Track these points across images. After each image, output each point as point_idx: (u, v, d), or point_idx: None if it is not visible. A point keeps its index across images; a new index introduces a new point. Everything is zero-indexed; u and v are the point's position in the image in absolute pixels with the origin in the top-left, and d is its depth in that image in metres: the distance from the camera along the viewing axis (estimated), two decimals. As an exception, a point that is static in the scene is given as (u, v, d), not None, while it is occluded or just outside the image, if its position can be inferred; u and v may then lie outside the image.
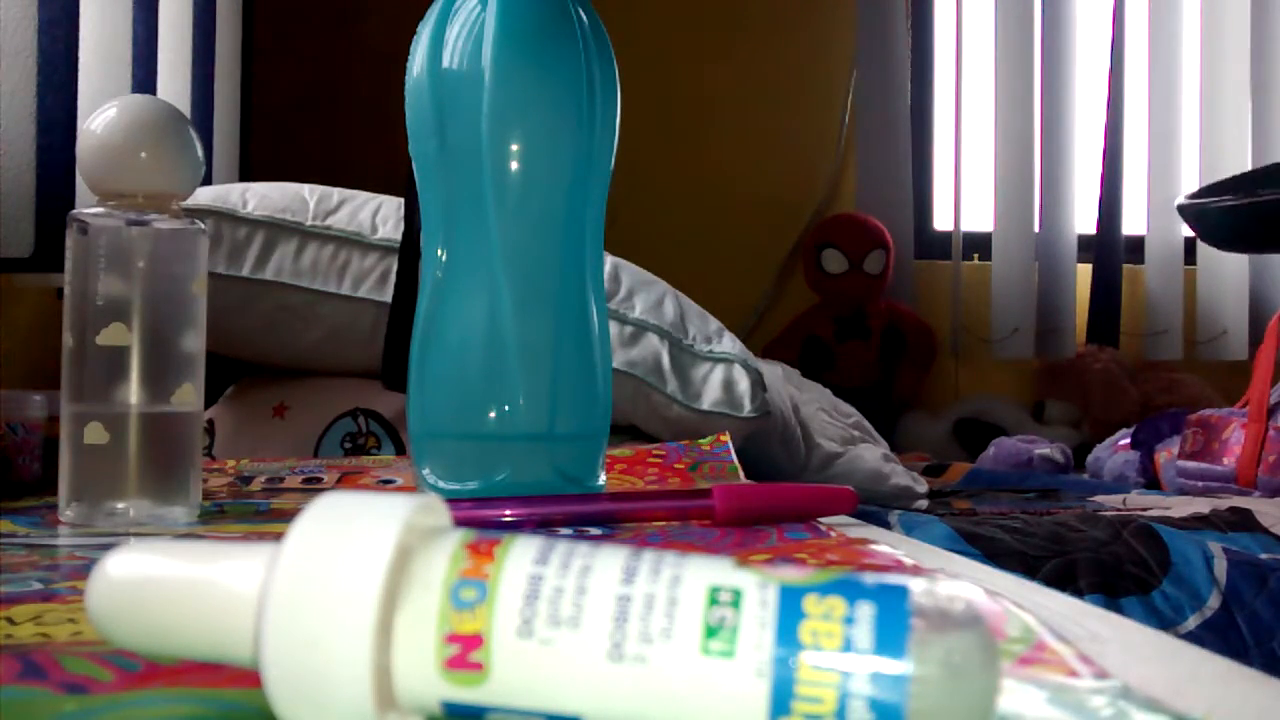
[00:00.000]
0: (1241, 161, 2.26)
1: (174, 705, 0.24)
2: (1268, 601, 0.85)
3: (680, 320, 1.02)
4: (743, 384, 0.98)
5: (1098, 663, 0.27)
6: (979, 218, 2.29)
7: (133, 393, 0.54)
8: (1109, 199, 2.26)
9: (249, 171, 1.77)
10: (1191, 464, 1.37)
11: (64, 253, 0.55)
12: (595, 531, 0.52)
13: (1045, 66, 2.25)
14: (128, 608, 0.23)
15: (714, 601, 0.21)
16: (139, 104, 0.56)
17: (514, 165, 0.57)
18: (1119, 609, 0.83)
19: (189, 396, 0.56)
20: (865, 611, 0.20)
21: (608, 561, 0.22)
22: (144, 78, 1.28)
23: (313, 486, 0.68)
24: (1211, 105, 2.27)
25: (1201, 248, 2.26)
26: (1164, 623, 0.83)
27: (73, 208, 0.80)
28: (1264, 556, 0.90)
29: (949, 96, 2.30)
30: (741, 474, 0.74)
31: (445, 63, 0.58)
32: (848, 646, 0.20)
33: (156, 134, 0.55)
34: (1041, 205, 2.24)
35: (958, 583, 0.22)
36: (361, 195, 1.06)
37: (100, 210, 0.55)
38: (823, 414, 1.23)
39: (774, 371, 1.18)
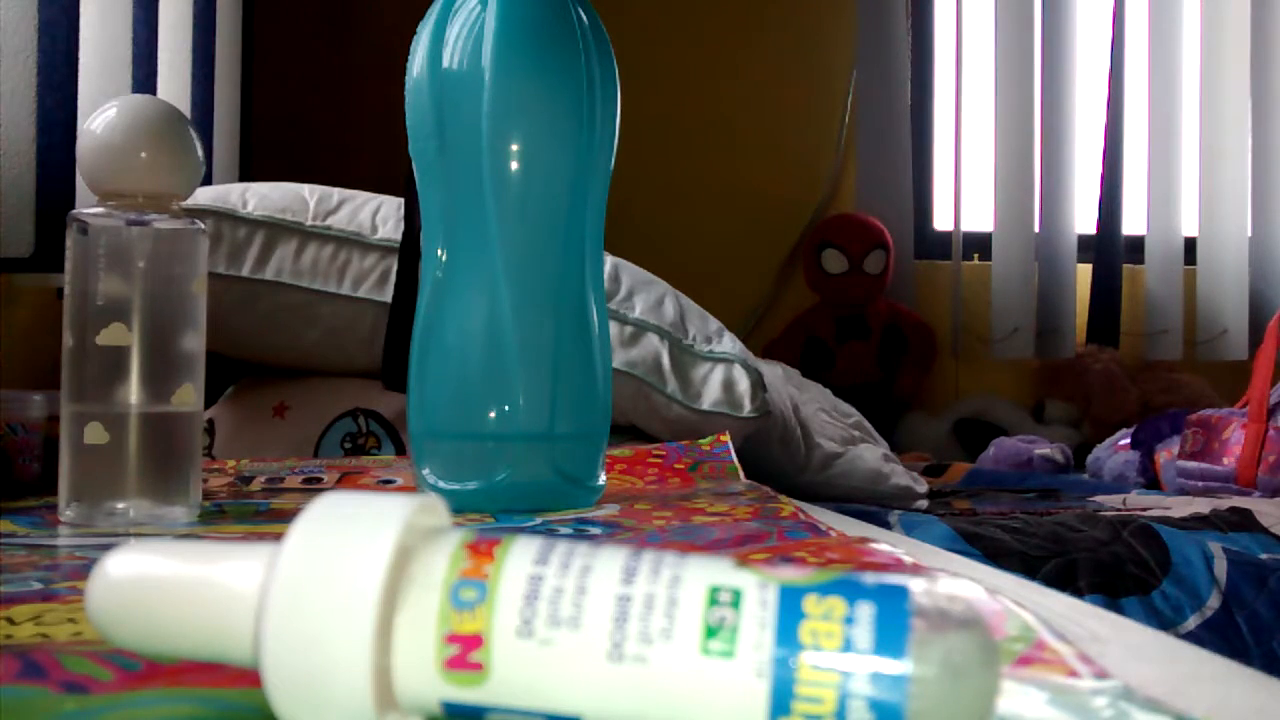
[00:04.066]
0: (1242, 161, 2.26)
1: (174, 705, 0.24)
2: (1268, 601, 0.85)
3: (680, 320, 1.02)
4: (743, 384, 0.99)
5: (1098, 663, 0.27)
6: (979, 218, 2.29)
7: (133, 393, 0.54)
8: (1109, 199, 2.26)
9: (249, 171, 1.77)
10: (1191, 464, 1.37)
11: (64, 253, 0.55)
12: (595, 531, 0.52)
13: (1045, 66, 2.25)
14: (128, 608, 0.23)
15: (714, 601, 0.21)
16: (139, 104, 0.56)
17: (514, 165, 0.57)
18: (1119, 609, 0.83)
19: (189, 396, 0.56)
20: (865, 611, 0.20)
21: (608, 561, 0.22)
22: (144, 78, 1.28)
23: (313, 486, 0.68)
24: (1211, 105, 2.27)
25: (1202, 247, 2.26)
26: (1164, 623, 0.83)
27: (73, 208, 0.80)
28: (1264, 556, 0.90)
29: (949, 96, 2.30)
30: (741, 474, 0.74)
31: (445, 63, 0.58)
32: (848, 646, 0.20)
33: (156, 134, 0.55)
34: (1041, 205, 2.24)
35: (957, 582, 0.22)
36: (361, 195, 1.06)
37: (100, 210, 0.55)
38: (823, 414, 1.23)
39: (774, 371, 1.18)
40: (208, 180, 1.42)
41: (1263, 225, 2.28)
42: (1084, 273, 2.26)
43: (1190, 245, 2.26)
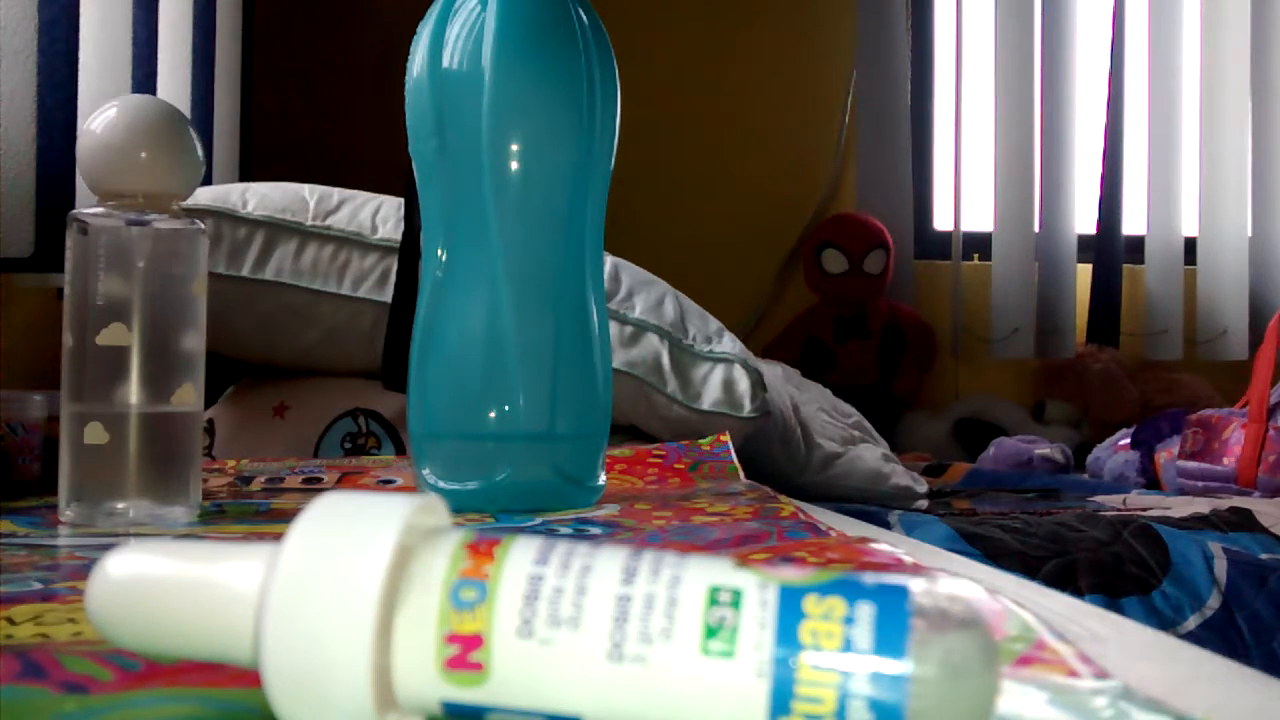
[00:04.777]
0: (1242, 161, 2.26)
1: (174, 705, 0.24)
2: (1268, 601, 0.85)
3: (680, 320, 1.02)
4: (743, 384, 0.98)
5: (1098, 663, 0.27)
6: (979, 218, 2.29)
7: (133, 393, 0.54)
8: (1109, 199, 2.25)
9: (249, 171, 1.77)
10: (1191, 464, 1.37)
11: (64, 253, 0.55)
12: (595, 531, 0.52)
13: (1045, 66, 2.24)
14: (128, 608, 0.23)
15: (714, 602, 0.21)
16: (139, 104, 0.56)
17: (514, 165, 0.57)
18: (1119, 609, 0.83)
19: (189, 396, 0.56)
20: (865, 611, 0.20)
21: (608, 562, 0.22)
22: (144, 78, 1.28)
23: (313, 486, 0.68)
24: (1211, 105, 2.27)
25: (1202, 247, 2.26)
26: (1164, 623, 0.83)
27: (73, 208, 0.80)
28: (1264, 556, 0.90)
29: (949, 96, 2.30)
30: (741, 474, 0.74)
31: (445, 63, 0.58)
32: (848, 647, 0.20)
33: (156, 134, 0.55)
34: (1041, 205, 2.24)
35: (958, 582, 0.22)
36: (361, 195, 1.06)
37: (100, 210, 0.55)
38: (823, 414, 1.23)
39: (774, 371, 1.18)
40: (208, 180, 1.42)
41: (1263, 225, 2.28)
42: (1084, 273, 2.26)
43: (1190, 245, 2.26)
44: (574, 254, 0.59)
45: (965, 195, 2.27)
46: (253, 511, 0.60)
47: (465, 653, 0.21)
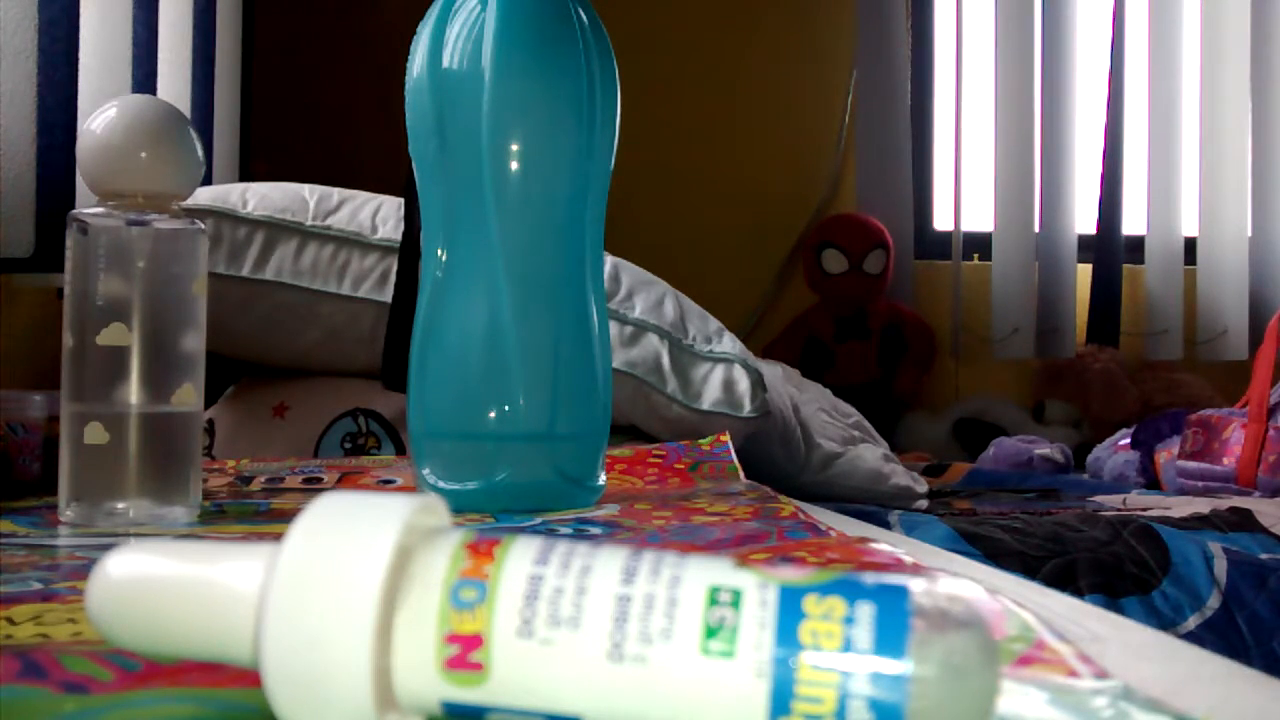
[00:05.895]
0: (1241, 161, 2.26)
1: (174, 705, 0.24)
2: (1268, 601, 0.85)
3: (680, 320, 1.02)
4: (743, 384, 0.98)
5: (1098, 663, 0.27)
6: (979, 218, 2.29)
7: (133, 393, 0.54)
8: (1109, 199, 2.26)
9: (249, 171, 1.77)
10: (1191, 464, 1.37)
11: (64, 253, 0.55)
12: (595, 531, 0.52)
13: (1045, 66, 2.25)
14: (128, 608, 0.23)
15: (714, 602, 0.21)
16: (139, 104, 0.56)
17: (514, 165, 0.57)
18: (1119, 609, 0.83)
19: (189, 396, 0.56)
20: (865, 611, 0.20)
21: (608, 562, 0.22)
22: (144, 78, 1.28)
23: (313, 486, 0.68)
24: (1211, 105, 2.27)
25: (1202, 247, 2.26)
26: (1164, 623, 0.83)
27: (73, 208, 0.80)
28: (1264, 556, 0.90)
29: (949, 96, 2.30)
30: (741, 474, 0.74)
31: (445, 63, 0.58)
32: (848, 646, 0.20)
33: (156, 134, 0.55)
34: (1041, 205, 2.24)
35: (958, 582, 0.22)
36: (361, 195, 1.06)
37: (100, 210, 0.55)
38: (823, 414, 1.23)
39: (774, 371, 1.18)
40: (208, 180, 1.42)
41: (1263, 225, 2.28)
42: (1084, 273, 2.26)
43: (1190, 245, 2.26)
44: (574, 254, 0.60)
45: (965, 195, 2.27)
46: (253, 511, 0.60)
47: (465, 653, 0.21)
